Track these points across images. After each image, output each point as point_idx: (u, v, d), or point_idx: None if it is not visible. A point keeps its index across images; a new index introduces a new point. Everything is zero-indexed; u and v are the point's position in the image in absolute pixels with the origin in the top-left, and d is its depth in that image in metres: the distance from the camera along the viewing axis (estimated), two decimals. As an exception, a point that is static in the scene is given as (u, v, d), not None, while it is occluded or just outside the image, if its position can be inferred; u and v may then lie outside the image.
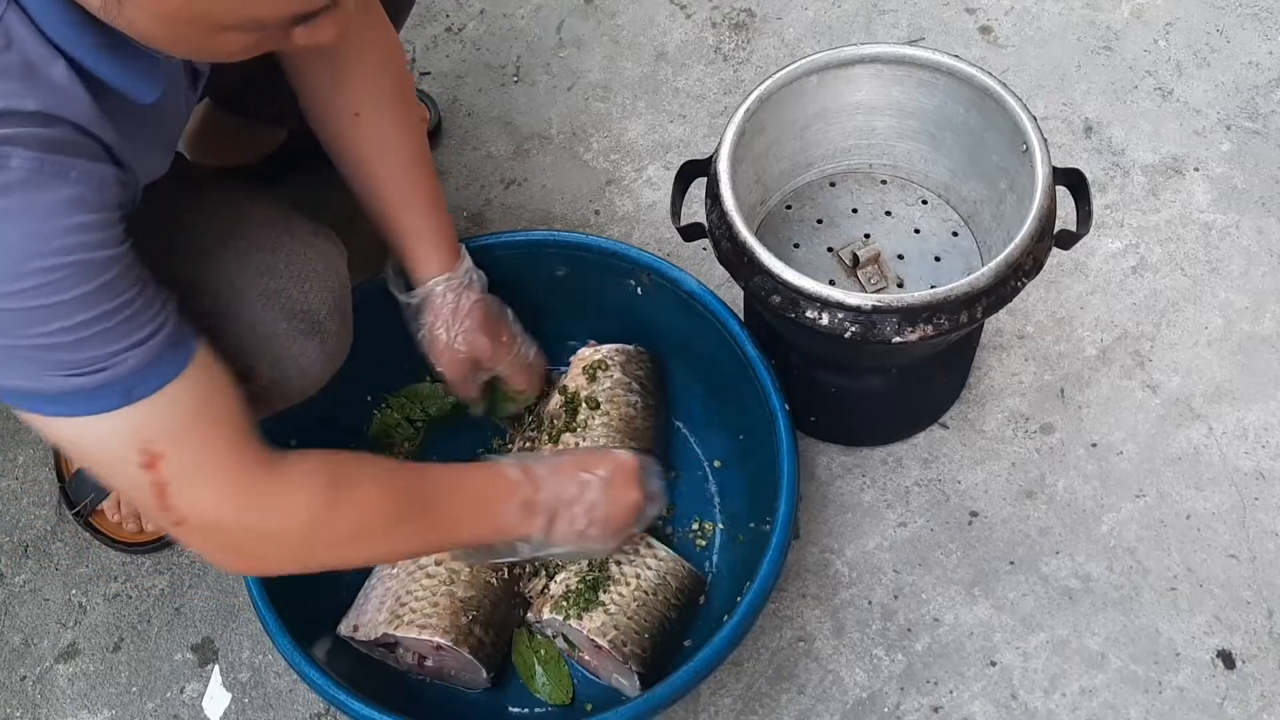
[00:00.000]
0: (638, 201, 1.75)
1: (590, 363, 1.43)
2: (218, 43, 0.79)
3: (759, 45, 1.89)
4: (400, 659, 1.32)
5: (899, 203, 1.40)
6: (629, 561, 1.32)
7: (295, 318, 1.10)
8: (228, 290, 1.07)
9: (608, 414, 1.38)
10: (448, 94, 1.87)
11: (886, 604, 1.43)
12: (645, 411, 1.41)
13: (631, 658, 1.27)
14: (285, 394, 1.14)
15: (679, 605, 1.32)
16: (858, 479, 1.51)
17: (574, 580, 1.31)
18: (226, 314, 1.06)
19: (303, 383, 1.14)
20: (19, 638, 1.48)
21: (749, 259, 1.21)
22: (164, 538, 1.50)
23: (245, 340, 1.07)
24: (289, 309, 1.10)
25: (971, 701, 1.37)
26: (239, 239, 1.10)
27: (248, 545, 0.99)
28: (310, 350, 1.12)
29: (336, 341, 1.16)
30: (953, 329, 1.18)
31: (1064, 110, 1.78)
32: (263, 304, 1.08)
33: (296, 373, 1.12)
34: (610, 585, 1.31)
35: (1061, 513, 1.48)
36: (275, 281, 1.09)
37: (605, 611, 1.29)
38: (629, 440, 1.38)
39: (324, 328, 1.13)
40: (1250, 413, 1.53)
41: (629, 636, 1.28)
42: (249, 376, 1.07)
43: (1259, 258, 1.64)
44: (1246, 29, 1.84)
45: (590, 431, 1.37)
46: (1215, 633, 1.39)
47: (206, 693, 1.43)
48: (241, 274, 1.08)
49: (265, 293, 1.08)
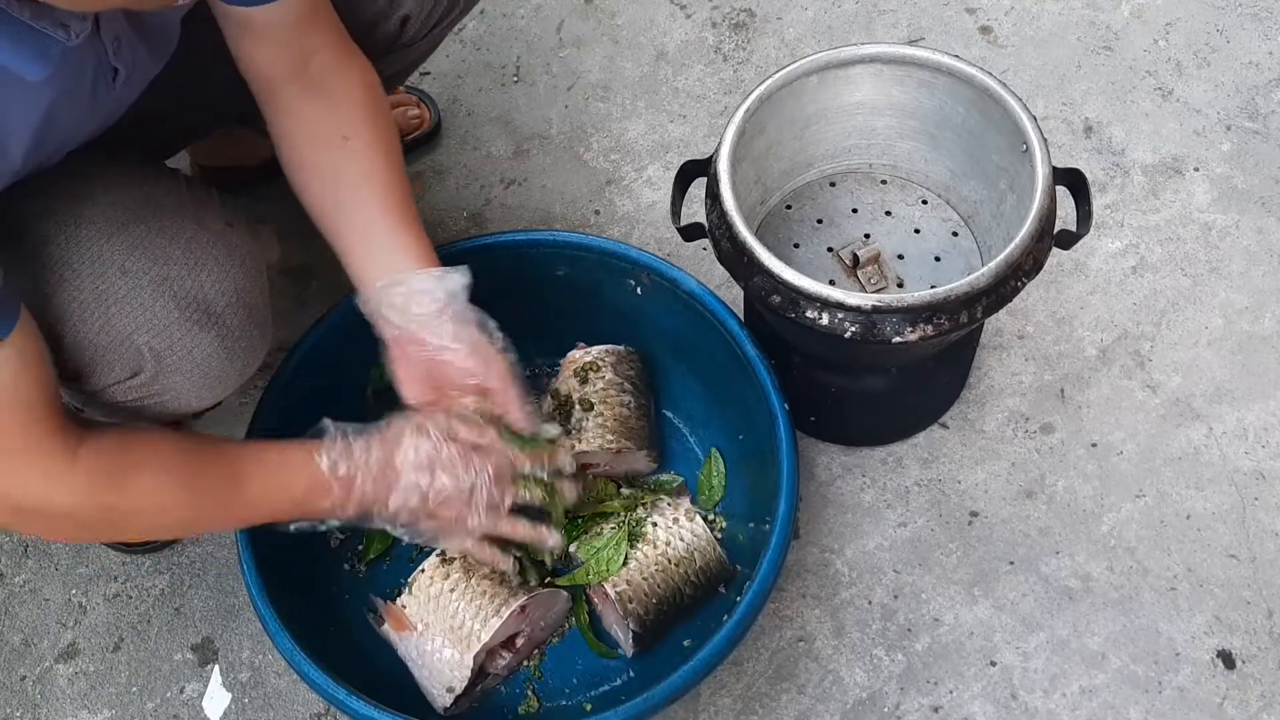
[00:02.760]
0: (638, 201, 1.75)
1: (581, 365, 1.42)
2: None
3: (759, 45, 1.89)
4: (499, 668, 1.32)
5: (899, 203, 1.41)
6: (665, 527, 1.34)
7: (188, 307, 1.07)
8: (117, 273, 1.04)
9: (602, 415, 1.38)
10: (448, 94, 1.87)
11: (886, 604, 1.43)
12: (639, 411, 1.41)
13: (632, 616, 1.29)
14: (183, 393, 1.10)
15: (697, 584, 1.32)
16: (858, 479, 1.51)
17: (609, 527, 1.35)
18: (119, 296, 1.04)
19: (201, 380, 1.10)
20: (19, 638, 1.48)
21: (749, 259, 1.21)
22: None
23: (136, 326, 1.05)
24: (180, 297, 1.06)
25: (971, 701, 1.37)
26: (141, 223, 1.07)
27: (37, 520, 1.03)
28: (205, 343, 1.08)
29: (241, 339, 1.11)
30: (953, 329, 1.18)
31: (1064, 110, 1.78)
32: (153, 290, 1.05)
33: (191, 366, 1.08)
34: (639, 543, 1.33)
35: (1061, 513, 1.48)
36: (168, 268, 1.06)
37: (624, 564, 1.31)
38: (625, 440, 1.38)
39: (223, 321, 1.09)
40: (1250, 413, 1.53)
41: (638, 595, 1.30)
42: (140, 367, 1.06)
43: (1259, 258, 1.64)
44: (1246, 29, 1.84)
45: (585, 433, 1.37)
46: (1215, 633, 1.39)
47: (206, 693, 1.43)
48: (132, 257, 1.05)
49: (156, 279, 1.06)
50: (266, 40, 1.16)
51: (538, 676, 1.36)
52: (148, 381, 1.07)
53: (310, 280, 1.69)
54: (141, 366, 1.06)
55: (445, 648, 1.26)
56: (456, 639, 1.26)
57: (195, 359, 1.08)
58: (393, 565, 1.42)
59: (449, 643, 1.26)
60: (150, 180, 1.14)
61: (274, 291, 1.23)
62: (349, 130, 1.19)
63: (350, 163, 1.19)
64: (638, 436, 1.40)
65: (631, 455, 1.39)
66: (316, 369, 1.34)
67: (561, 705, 1.34)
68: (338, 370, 1.38)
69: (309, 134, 1.20)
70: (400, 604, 1.30)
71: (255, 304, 1.13)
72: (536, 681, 1.36)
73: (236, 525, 1.20)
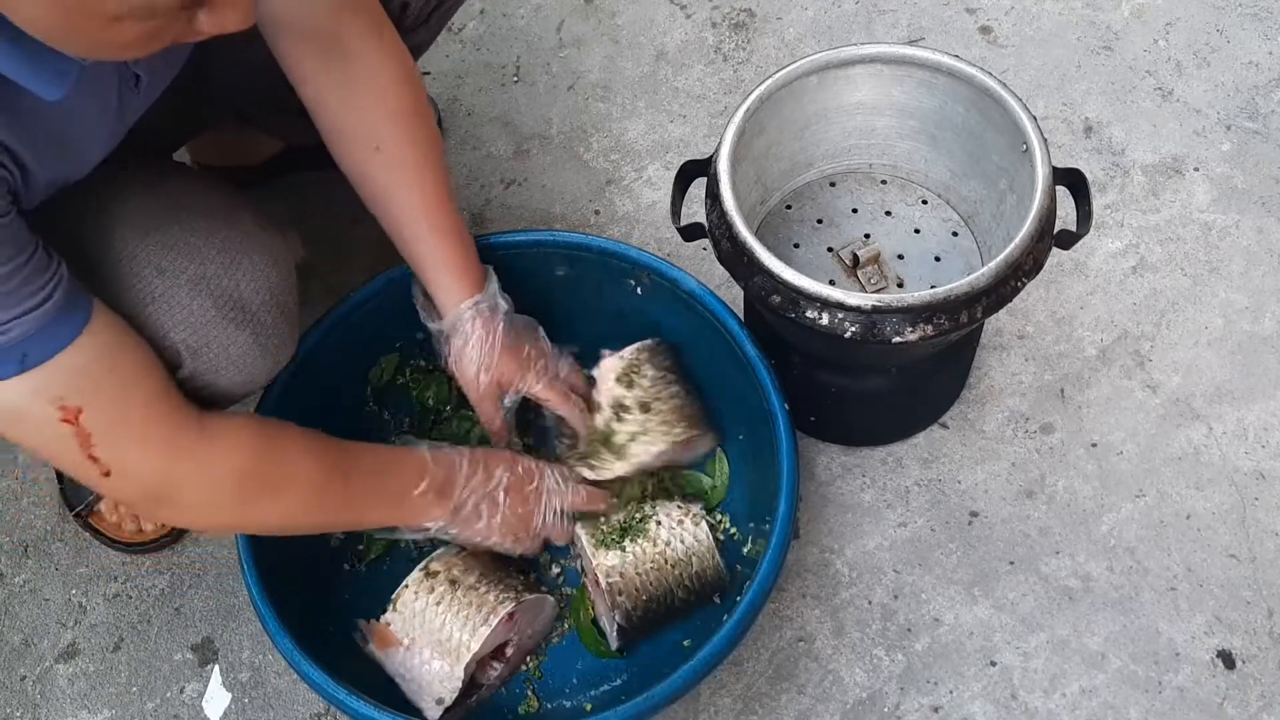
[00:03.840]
0: (638, 201, 1.75)
1: (621, 370, 1.42)
2: (111, 34, 0.76)
3: (759, 45, 1.89)
4: (490, 679, 1.32)
5: (899, 203, 1.41)
6: (668, 527, 1.34)
7: (225, 305, 1.09)
8: (153, 272, 1.06)
9: (661, 412, 1.38)
10: (448, 94, 1.87)
11: (886, 604, 1.43)
12: (690, 397, 1.41)
13: (619, 608, 1.29)
14: (219, 386, 1.12)
15: (690, 588, 1.32)
16: (858, 479, 1.51)
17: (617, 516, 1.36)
18: (155, 295, 1.06)
19: (236, 375, 1.12)
20: (19, 638, 1.48)
21: (749, 259, 1.21)
22: (164, 538, 1.50)
23: (173, 324, 1.07)
24: (217, 296, 1.09)
25: (971, 701, 1.37)
26: (174, 224, 1.09)
27: (172, 495, 1.05)
28: (241, 340, 1.11)
29: (274, 335, 1.14)
30: (953, 329, 1.18)
31: (1064, 110, 1.78)
32: (190, 289, 1.07)
33: (227, 363, 1.10)
34: (640, 537, 1.33)
35: (1061, 513, 1.48)
36: (204, 267, 1.09)
37: (620, 555, 1.31)
38: (690, 428, 1.38)
39: (258, 319, 1.12)
40: (1250, 413, 1.53)
41: (628, 590, 1.30)
42: (178, 363, 1.08)
43: (1259, 258, 1.64)
44: (1246, 29, 1.84)
45: (652, 434, 1.37)
46: (1215, 633, 1.39)
47: (206, 693, 1.43)
48: (168, 257, 1.07)
49: (193, 278, 1.08)
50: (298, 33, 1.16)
51: (538, 676, 1.36)
52: (185, 379, 1.08)
53: (310, 279, 1.69)
54: (179, 363, 1.08)
55: (434, 660, 1.26)
56: (445, 651, 1.26)
57: (231, 355, 1.10)
58: (393, 565, 1.42)
59: (437, 655, 1.26)
60: (180, 180, 1.17)
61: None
62: (381, 140, 1.21)
63: (382, 174, 1.23)
64: (700, 420, 1.40)
65: (699, 439, 1.41)
66: (317, 368, 1.34)
67: (561, 705, 1.34)
68: (338, 369, 1.38)
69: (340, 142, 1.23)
70: (385, 621, 1.30)
71: (287, 302, 1.16)
72: (536, 681, 1.36)
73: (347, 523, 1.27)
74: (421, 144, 1.24)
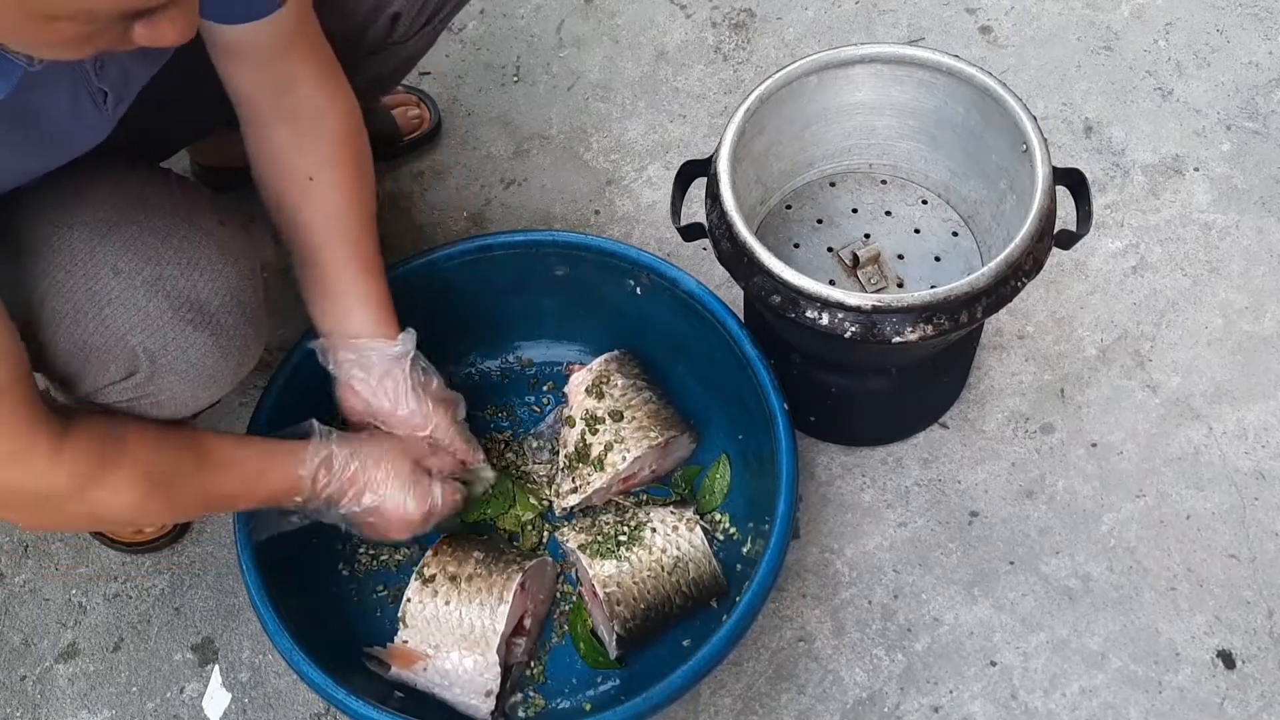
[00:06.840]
0: (638, 201, 1.75)
1: (590, 382, 1.42)
2: (47, 33, 0.76)
3: (759, 45, 1.89)
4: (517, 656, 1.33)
5: (899, 203, 1.40)
6: (663, 534, 1.34)
7: (181, 306, 1.07)
8: (109, 273, 1.05)
9: (634, 418, 1.38)
10: (448, 94, 1.87)
11: (886, 604, 1.43)
12: (662, 400, 1.42)
13: (618, 618, 1.29)
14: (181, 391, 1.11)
15: (688, 594, 1.32)
16: (858, 479, 1.51)
17: (607, 523, 1.36)
18: (112, 297, 1.04)
19: (197, 379, 1.10)
20: (19, 638, 1.48)
21: (749, 259, 1.21)
22: (164, 538, 1.50)
23: (130, 326, 1.05)
24: (174, 297, 1.06)
25: (971, 701, 1.37)
26: (133, 223, 1.07)
27: (15, 504, 1.05)
28: (200, 342, 1.08)
29: (235, 337, 1.11)
30: (953, 329, 1.18)
31: (1064, 110, 1.78)
32: (146, 290, 1.05)
33: (186, 365, 1.08)
34: (635, 545, 1.33)
35: (1061, 513, 1.48)
36: (161, 268, 1.06)
37: (617, 565, 1.31)
38: (666, 430, 1.39)
39: (216, 320, 1.09)
40: (1250, 413, 1.53)
41: (626, 599, 1.30)
42: (135, 367, 1.06)
43: (1259, 258, 1.64)
44: (1246, 29, 1.84)
45: (628, 441, 1.37)
46: (1215, 633, 1.39)
47: (206, 693, 1.43)
48: (124, 257, 1.05)
49: (149, 279, 1.06)
50: (247, 61, 1.16)
51: (539, 679, 1.36)
52: (143, 382, 1.07)
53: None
54: (136, 367, 1.06)
55: (465, 658, 1.26)
56: (472, 644, 1.26)
57: (190, 359, 1.08)
58: (393, 565, 1.42)
59: (466, 652, 1.26)
60: (141, 180, 1.14)
61: (272, 290, 1.24)
62: (315, 169, 1.21)
63: (311, 203, 1.22)
64: (675, 423, 1.41)
65: (676, 442, 1.41)
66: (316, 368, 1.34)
67: (562, 705, 1.34)
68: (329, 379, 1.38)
69: (277, 166, 1.22)
70: (401, 639, 1.29)
71: (249, 302, 1.13)
72: (537, 682, 1.36)
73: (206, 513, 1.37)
74: (354, 183, 1.23)
